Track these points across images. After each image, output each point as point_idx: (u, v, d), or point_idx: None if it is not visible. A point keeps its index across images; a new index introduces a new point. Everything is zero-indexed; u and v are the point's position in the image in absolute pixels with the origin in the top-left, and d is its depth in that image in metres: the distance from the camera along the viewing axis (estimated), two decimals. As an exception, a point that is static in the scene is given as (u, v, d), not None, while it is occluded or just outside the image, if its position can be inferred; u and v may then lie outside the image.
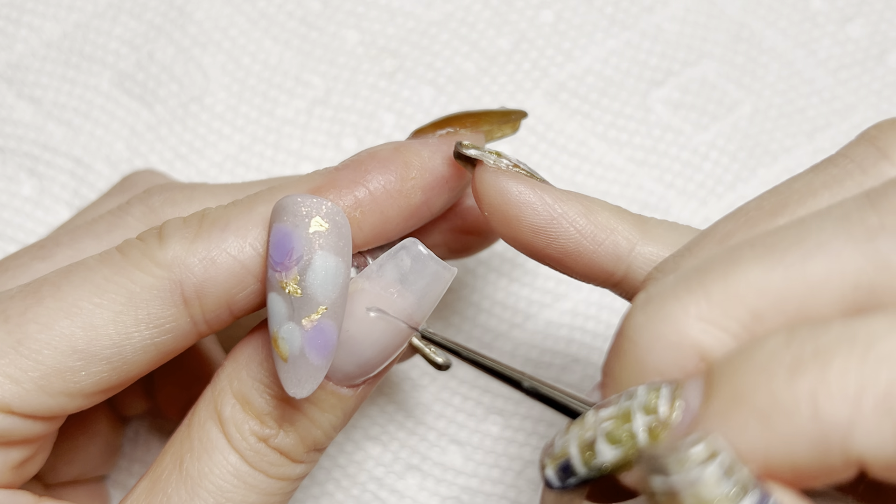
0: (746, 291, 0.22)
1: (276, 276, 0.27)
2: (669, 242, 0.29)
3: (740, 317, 0.22)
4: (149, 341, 0.28)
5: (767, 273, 0.21)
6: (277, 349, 0.27)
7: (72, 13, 0.45)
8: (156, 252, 0.28)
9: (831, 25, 0.45)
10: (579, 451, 0.22)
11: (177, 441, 0.30)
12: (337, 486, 0.40)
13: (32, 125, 0.44)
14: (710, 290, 0.22)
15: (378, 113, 0.44)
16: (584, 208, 0.29)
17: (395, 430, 0.41)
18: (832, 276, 0.21)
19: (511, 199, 0.29)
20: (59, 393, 0.28)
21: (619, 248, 0.29)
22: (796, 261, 0.21)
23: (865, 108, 0.44)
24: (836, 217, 0.22)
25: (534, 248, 0.29)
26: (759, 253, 0.22)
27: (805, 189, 0.24)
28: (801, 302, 0.21)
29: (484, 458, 0.41)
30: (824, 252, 0.21)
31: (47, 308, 0.28)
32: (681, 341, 0.22)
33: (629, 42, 0.45)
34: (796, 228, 0.22)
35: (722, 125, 0.44)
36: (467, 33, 0.45)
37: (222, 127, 0.44)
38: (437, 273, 0.29)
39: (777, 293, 0.21)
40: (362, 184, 0.29)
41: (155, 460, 0.30)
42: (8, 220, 0.43)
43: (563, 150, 0.44)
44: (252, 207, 0.29)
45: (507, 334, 0.42)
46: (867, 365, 0.19)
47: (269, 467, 0.29)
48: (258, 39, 0.45)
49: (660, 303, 0.22)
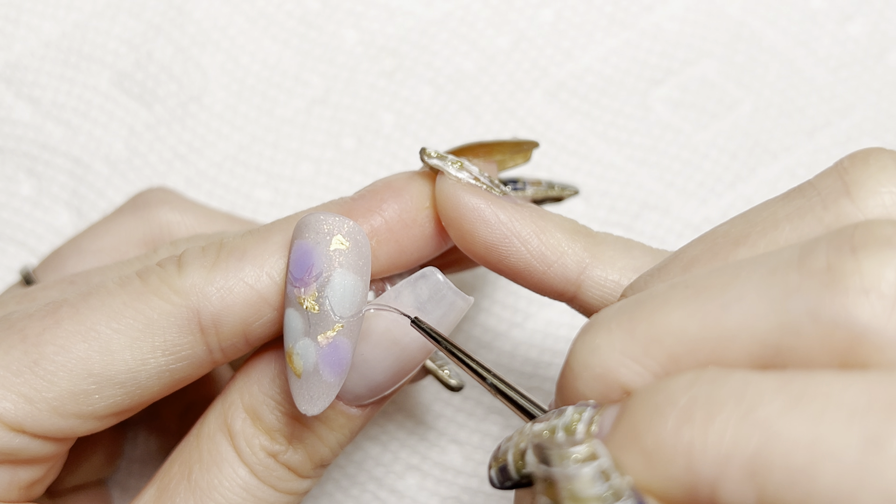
0: (666, 333, 0.22)
1: (295, 291, 0.28)
2: (620, 266, 0.29)
3: (658, 357, 0.22)
4: (164, 368, 0.29)
5: (688, 318, 0.22)
6: (291, 365, 0.28)
7: (70, 13, 0.45)
8: (174, 280, 0.29)
9: (831, 24, 0.45)
10: (513, 459, 0.24)
11: (185, 451, 0.30)
12: (336, 486, 0.40)
13: (31, 125, 0.44)
14: (636, 328, 0.23)
15: (377, 112, 0.44)
16: (538, 228, 0.29)
17: (395, 429, 0.41)
18: (744, 329, 0.21)
19: (466, 214, 0.29)
20: (71, 415, 0.28)
21: (568, 270, 0.29)
22: (715, 309, 0.22)
23: (865, 106, 0.44)
24: (764, 269, 0.22)
25: (487, 262, 0.30)
26: (687, 295, 0.22)
27: (769, 220, 0.24)
28: (713, 351, 0.22)
29: (484, 458, 0.41)
30: (741, 306, 0.21)
31: (65, 330, 0.28)
32: (605, 374, 0.23)
33: (629, 41, 0.45)
34: (728, 274, 0.22)
35: (722, 124, 0.44)
36: (467, 32, 0.45)
37: (221, 126, 0.44)
38: (454, 303, 0.29)
39: (693, 340, 0.22)
40: (378, 212, 0.30)
41: (161, 468, 0.30)
42: (7, 219, 0.43)
43: (562, 149, 0.44)
44: (268, 237, 0.29)
45: (506, 334, 0.42)
46: (744, 426, 0.19)
47: (277, 482, 0.30)
48: (257, 39, 0.45)
49: (595, 332, 0.23)
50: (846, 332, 0.20)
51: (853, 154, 0.24)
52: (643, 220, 0.43)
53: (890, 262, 0.20)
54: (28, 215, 0.43)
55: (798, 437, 0.19)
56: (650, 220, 0.43)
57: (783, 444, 0.19)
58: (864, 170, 0.23)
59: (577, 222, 0.30)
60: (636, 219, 0.43)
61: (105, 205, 0.43)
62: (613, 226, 0.43)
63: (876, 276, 0.20)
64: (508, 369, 0.42)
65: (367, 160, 0.44)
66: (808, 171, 0.44)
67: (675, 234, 0.43)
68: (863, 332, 0.20)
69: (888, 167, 0.23)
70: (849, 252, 0.21)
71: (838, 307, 0.20)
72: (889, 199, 0.23)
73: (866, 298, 0.20)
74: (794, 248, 0.22)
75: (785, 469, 0.19)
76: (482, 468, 0.41)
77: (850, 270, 0.20)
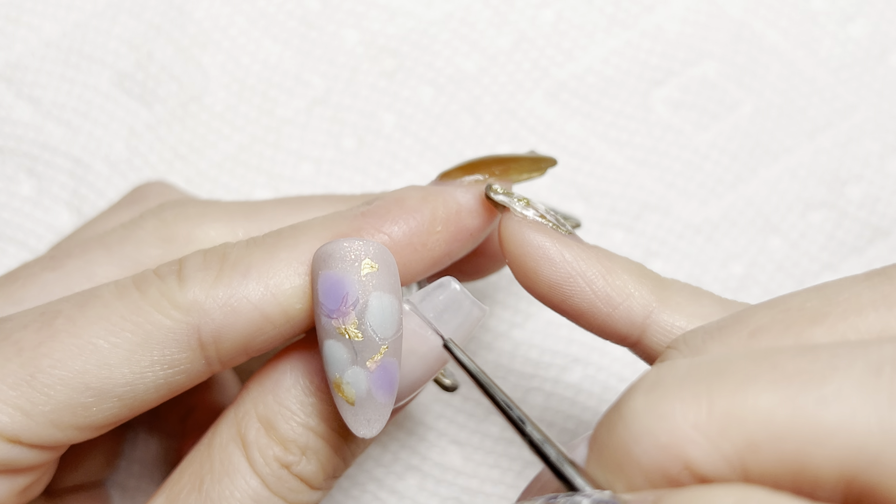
0: (750, 416, 0.20)
1: (333, 322, 0.27)
2: (688, 312, 0.28)
3: (736, 441, 0.21)
4: (162, 380, 0.28)
5: (779, 405, 0.20)
6: (342, 394, 0.27)
7: (71, 13, 0.44)
8: (175, 293, 0.28)
9: (832, 25, 0.45)
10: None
11: (196, 460, 0.30)
12: (337, 487, 0.40)
13: (31, 125, 0.43)
14: (714, 402, 0.21)
15: (378, 113, 0.44)
16: (604, 269, 0.28)
17: (395, 430, 0.41)
18: (842, 430, 0.20)
19: (531, 252, 0.29)
20: (68, 426, 0.28)
21: (633, 314, 0.28)
22: (812, 402, 0.20)
23: (866, 107, 0.44)
24: (866, 364, 0.20)
25: (551, 302, 0.29)
26: (777, 378, 0.21)
27: (852, 302, 0.23)
28: (801, 448, 0.20)
29: (484, 459, 0.41)
30: (842, 404, 0.20)
31: (62, 343, 0.28)
32: (669, 444, 0.21)
33: (630, 42, 0.45)
34: (824, 363, 0.20)
35: (723, 125, 0.44)
36: (467, 33, 0.45)
37: (222, 127, 0.44)
38: (471, 312, 0.29)
39: (780, 429, 0.20)
40: (387, 234, 0.29)
41: (171, 478, 0.30)
42: (7, 219, 0.43)
43: (563, 149, 0.44)
44: (274, 253, 0.29)
45: (507, 334, 0.42)
46: None
47: (288, 493, 0.29)
48: (258, 39, 0.45)
49: (662, 395, 0.21)
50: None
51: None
52: (644, 220, 0.43)
53: None
54: (28, 215, 0.43)
55: None
56: (651, 221, 0.43)
57: None
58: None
59: (644, 266, 0.30)
60: (637, 219, 0.43)
61: (105, 205, 0.43)
62: (614, 226, 0.43)
63: None
64: (509, 369, 0.42)
65: (367, 160, 0.44)
66: (809, 171, 0.44)
67: (676, 234, 0.43)
68: None
69: None
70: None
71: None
72: None
73: None
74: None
75: None
76: (482, 469, 0.41)
77: None
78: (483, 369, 0.28)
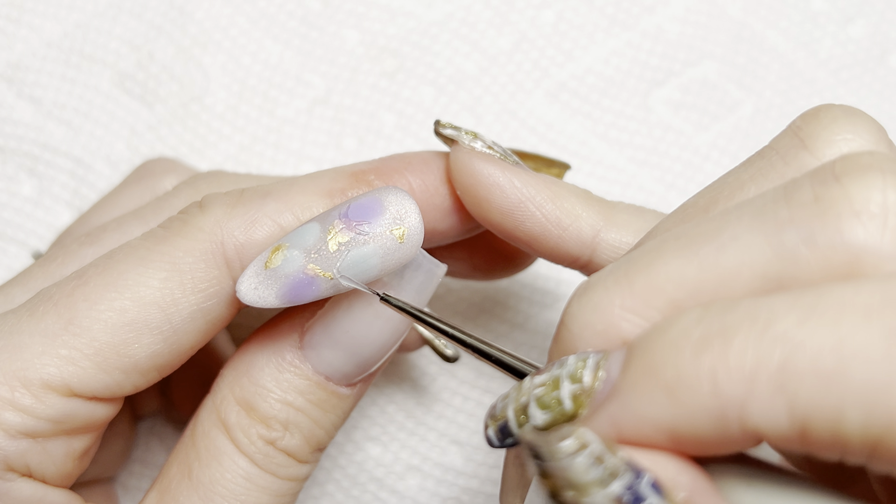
0: (665, 282, 0.23)
1: (334, 222, 0.28)
2: (634, 228, 0.30)
3: (660, 306, 0.23)
4: (195, 307, 0.29)
5: (685, 265, 0.22)
6: (272, 255, 0.28)
7: (72, 13, 0.45)
8: (197, 218, 0.29)
9: (832, 26, 0.45)
10: (514, 415, 0.24)
11: (181, 452, 0.30)
12: (337, 487, 0.40)
13: (32, 125, 0.44)
14: (633, 282, 0.23)
15: (378, 113, 0.44)
16: (552, 193, 0.30)
17: (396, 430, 0.41)
18: (743, 267, 0.22)
19: (481, 181, 0.30)
20: (114, 368, 0.28)
21: (583, 234, 0.30)
22: (711, 252, 0.22)
23: (866, 108, 0.44)
24: (751, 210, 0.22)
25: (503, 229, 0.30)
26: (680, 244, 0.23)
27: (735, 183, 0.25)
28: (715, 292, 0.22)
29: (484, 459, 0.41)
30: (737, 245, 0.22)
31: (94, 285, 0.28)
32: (606, 330, 0.23)
33: (630, 42, 0.45)
34: (717, 221, 0.23)
35: (723, 125, 0.44)
36: (468, 33, 0.45)
37: (222, 127, 0.44)
38: (431, 270, 0.30)
39: (693, 284, 0.22)
40: (406, 173, 0.30)
41: (160, 472, 0.30)
42: (8, 219, 0.43)
43: (563, 150, 0.44)
44: (293, 183, 0.30)
45: (507, 335, 0.42)
46: (763, 343, 0.20)
47: (277, 468, 0.30)
48: (258, 39, 0.45)
49: (591, 293, 0.24)
50: (844, 254, 0.21)
51: (804, 113, 0.25)
52: (644, 221, 0.43)
53: (875, 184, 0.21)
54: (29, 215, 0.43)
55: (821, 343, 0.19)
56: (651, 221, 0.43)
57: (808, 353, 0.19)
58: (816, 124, 0.24)
59: (590, 192, 0.31)
60: (637, 220, 0.43)
61: (106, 205, 0.43)
62: (614, 227, 0.43)
63: (864, 198, 0.21)
64: (509, 370, 0.42)
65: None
66: (809, 172, 0.44)
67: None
68: (860, 251, 0.21)
69: (838, 118, 0.24)
70: (833, 182, 0.22)
71: (832, 231, 0.21)
72: (844, 146, 0.24)
73: (858, 220, 0.21)
74: (777, 189, 0.23)
75: (814, 375, 0.19)
76: (483, 469, 0.41)
77: (837, 197, 0.21)
78: (425, 309, 0.29)
